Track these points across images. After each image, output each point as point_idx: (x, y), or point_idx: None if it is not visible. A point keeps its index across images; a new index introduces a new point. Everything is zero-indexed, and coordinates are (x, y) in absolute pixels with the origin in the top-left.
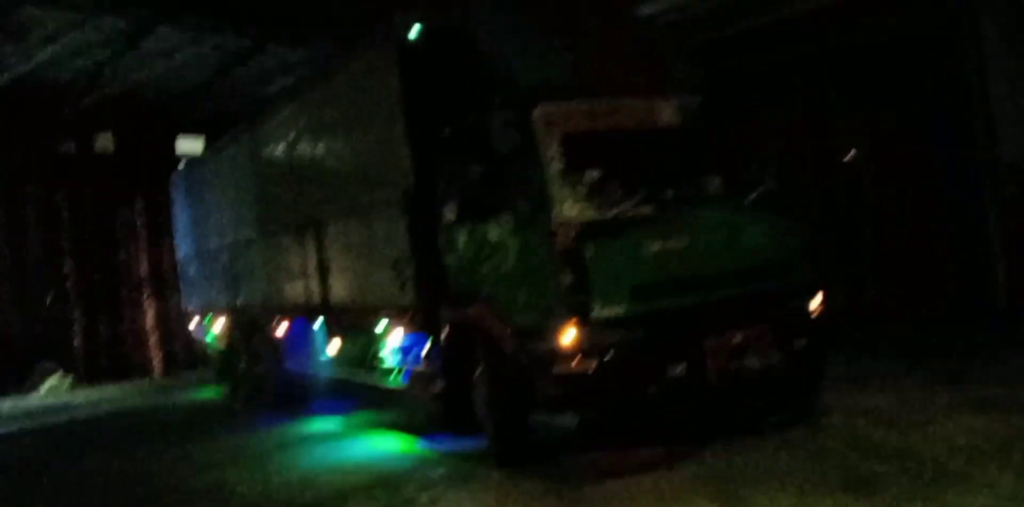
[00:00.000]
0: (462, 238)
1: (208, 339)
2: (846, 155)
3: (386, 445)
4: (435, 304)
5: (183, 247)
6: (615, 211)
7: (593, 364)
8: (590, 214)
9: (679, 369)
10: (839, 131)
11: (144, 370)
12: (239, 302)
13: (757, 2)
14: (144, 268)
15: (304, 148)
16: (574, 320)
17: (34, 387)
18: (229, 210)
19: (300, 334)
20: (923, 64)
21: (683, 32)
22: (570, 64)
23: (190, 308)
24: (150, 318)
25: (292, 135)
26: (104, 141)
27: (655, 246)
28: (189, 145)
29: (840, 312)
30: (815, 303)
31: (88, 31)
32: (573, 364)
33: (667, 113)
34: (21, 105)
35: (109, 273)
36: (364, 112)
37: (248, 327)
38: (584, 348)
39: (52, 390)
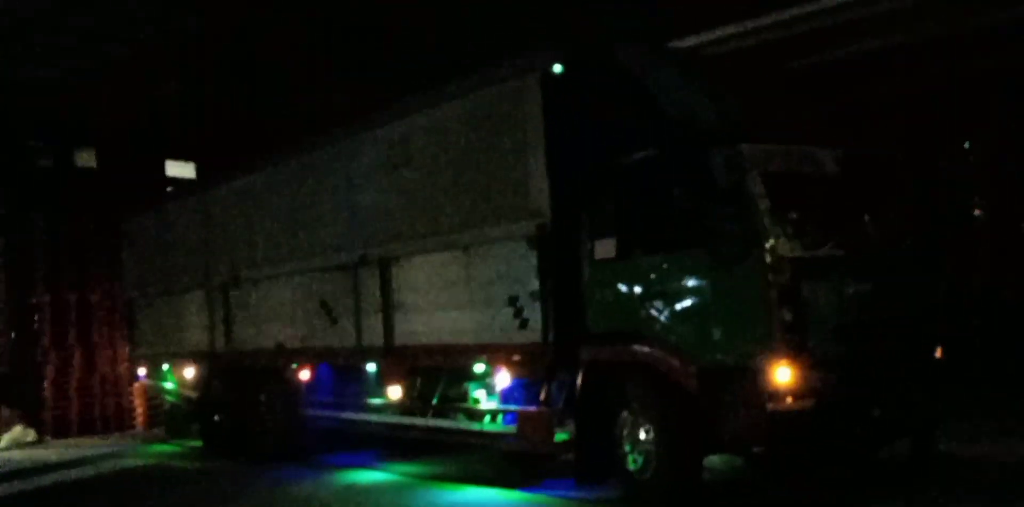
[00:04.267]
0: (622, 275)
1: (166, 388)
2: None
3: (488, 496)
4: (569, 343)
5: (136, 289)
6: (821, 250)
7: (811, 403)
8: (802, 252)
9: (878, 411)
10: None
11: (123, 423)
12: (230, 347)
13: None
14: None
15: (369, 180)
16: (789, 358)
17: None
18: (220, 247)
19: (329, 379)
20: None
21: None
22: (738, 107)
23: (138, 354)
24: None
25: (349, 166)
26: (86, 157)
27: (852, 287)
28: (179, 169)
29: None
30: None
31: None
32: (789, 402)
33: (839, 162)
34: None
35: (85, 309)
36: (485, 144)
37: (241, 375)
38: (801, 387)
39: (13, 444)
